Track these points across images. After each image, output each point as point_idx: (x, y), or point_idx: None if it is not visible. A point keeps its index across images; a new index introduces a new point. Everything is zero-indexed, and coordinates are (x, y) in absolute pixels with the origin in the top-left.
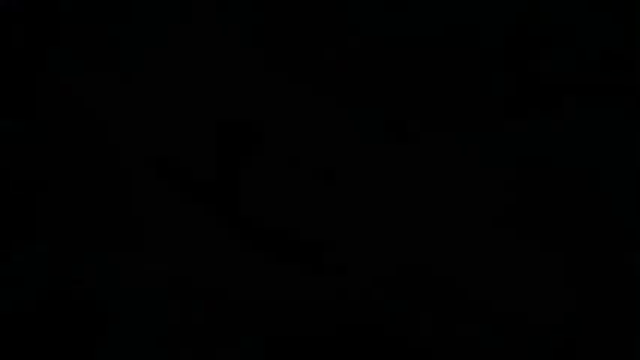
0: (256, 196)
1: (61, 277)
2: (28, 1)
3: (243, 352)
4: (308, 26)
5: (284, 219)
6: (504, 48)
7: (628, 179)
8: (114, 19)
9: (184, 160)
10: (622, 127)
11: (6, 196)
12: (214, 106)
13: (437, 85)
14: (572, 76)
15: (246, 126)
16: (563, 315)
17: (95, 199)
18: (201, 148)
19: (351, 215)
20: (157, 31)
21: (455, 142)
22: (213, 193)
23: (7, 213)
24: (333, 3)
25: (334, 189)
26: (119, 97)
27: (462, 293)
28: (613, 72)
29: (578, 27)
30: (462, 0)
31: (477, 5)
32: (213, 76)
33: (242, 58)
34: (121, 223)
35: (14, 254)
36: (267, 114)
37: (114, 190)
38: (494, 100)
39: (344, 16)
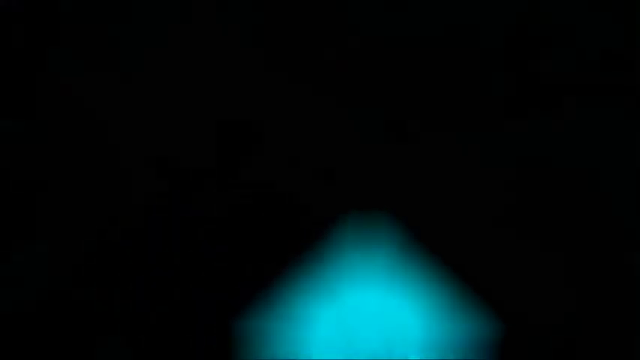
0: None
1: (61, 277)
2: (28, 1)
3: None
4: (308, 26)
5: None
6: (504, 48)
7: (628, 179)
8: (114, 19)
9: (184, 160)
10: (622, 127)
11: (6, 196)
12: (214, 106)
13: (437, 85)
14: (572, 76)
15: (246, 126)
16: (563, 315)
17: (95, 200)
18: (202, 148)
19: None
20: (157, 31)
21: (455, 142)
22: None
23: (7, 213)
24: (333, 3)
25: (334, 189)
26: (119, 97)
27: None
28: (613, 72)
29: (578, 27)
30: (462, 0)
31: (477, 5)
32: (213, 76)
33: (242, 58)
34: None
35: (14, 254)
36: (267, 114)
37: (114, 190)
38: (494, 100)
39: (344, 16)
